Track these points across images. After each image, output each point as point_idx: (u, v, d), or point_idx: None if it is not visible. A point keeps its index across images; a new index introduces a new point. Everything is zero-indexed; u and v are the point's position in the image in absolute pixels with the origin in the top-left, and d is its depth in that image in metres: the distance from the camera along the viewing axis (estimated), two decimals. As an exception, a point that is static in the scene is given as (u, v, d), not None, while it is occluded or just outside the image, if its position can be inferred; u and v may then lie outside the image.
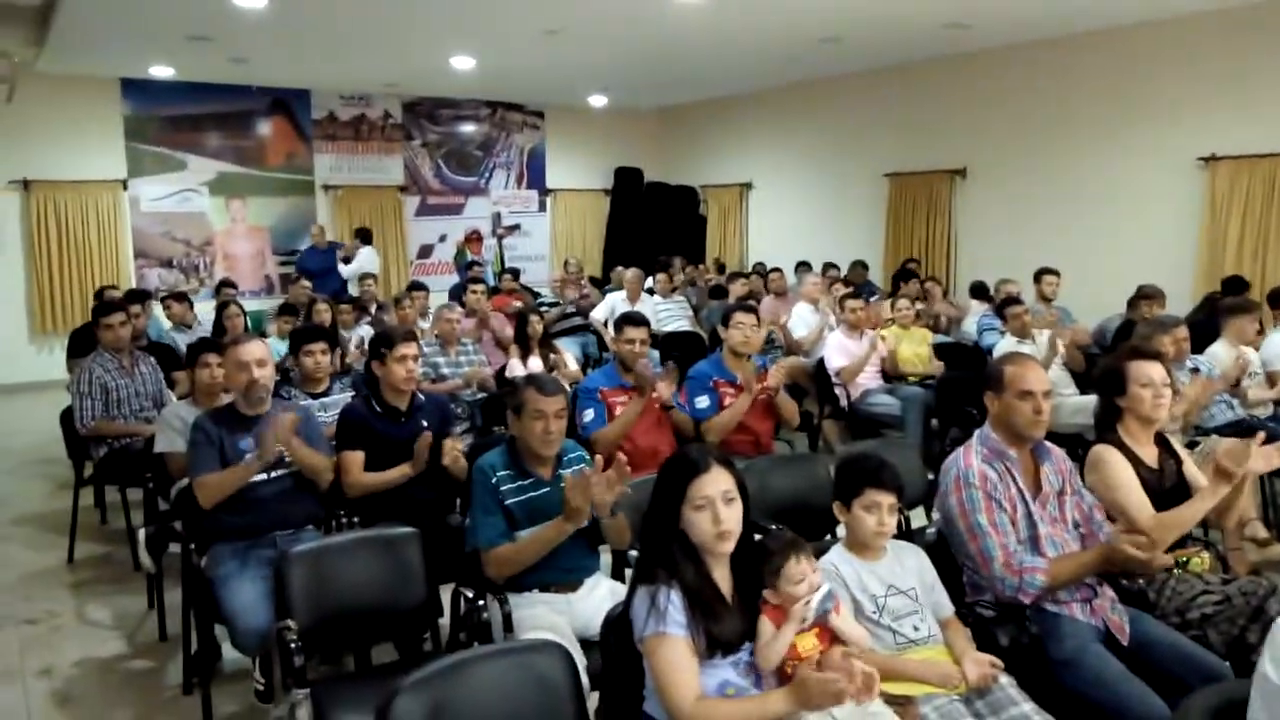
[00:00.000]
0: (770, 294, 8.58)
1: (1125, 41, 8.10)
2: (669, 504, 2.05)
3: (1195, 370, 4.95)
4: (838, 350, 6.08)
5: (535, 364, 6.06)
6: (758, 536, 2.17)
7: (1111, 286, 7.42)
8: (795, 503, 3.60)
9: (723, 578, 2.08)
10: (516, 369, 5.98)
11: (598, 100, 12.72)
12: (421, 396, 3.88)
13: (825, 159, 11.40)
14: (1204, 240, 7.73)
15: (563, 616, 2.85)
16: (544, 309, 8.23)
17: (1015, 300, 6.54)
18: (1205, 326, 5.52)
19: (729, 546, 2.04)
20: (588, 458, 3.19)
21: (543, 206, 13.60)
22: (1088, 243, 8.45)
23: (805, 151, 11.71)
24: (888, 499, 2.45)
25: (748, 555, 2.11)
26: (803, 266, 10.04)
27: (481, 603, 2.80)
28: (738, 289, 8.41)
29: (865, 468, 2.50)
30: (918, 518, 3.82)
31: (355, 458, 3.59)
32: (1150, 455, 2.95)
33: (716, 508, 2.01)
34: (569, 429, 3.23)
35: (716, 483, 2.03)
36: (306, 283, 8.65)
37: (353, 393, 4.30)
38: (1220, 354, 5.31)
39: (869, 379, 6.07)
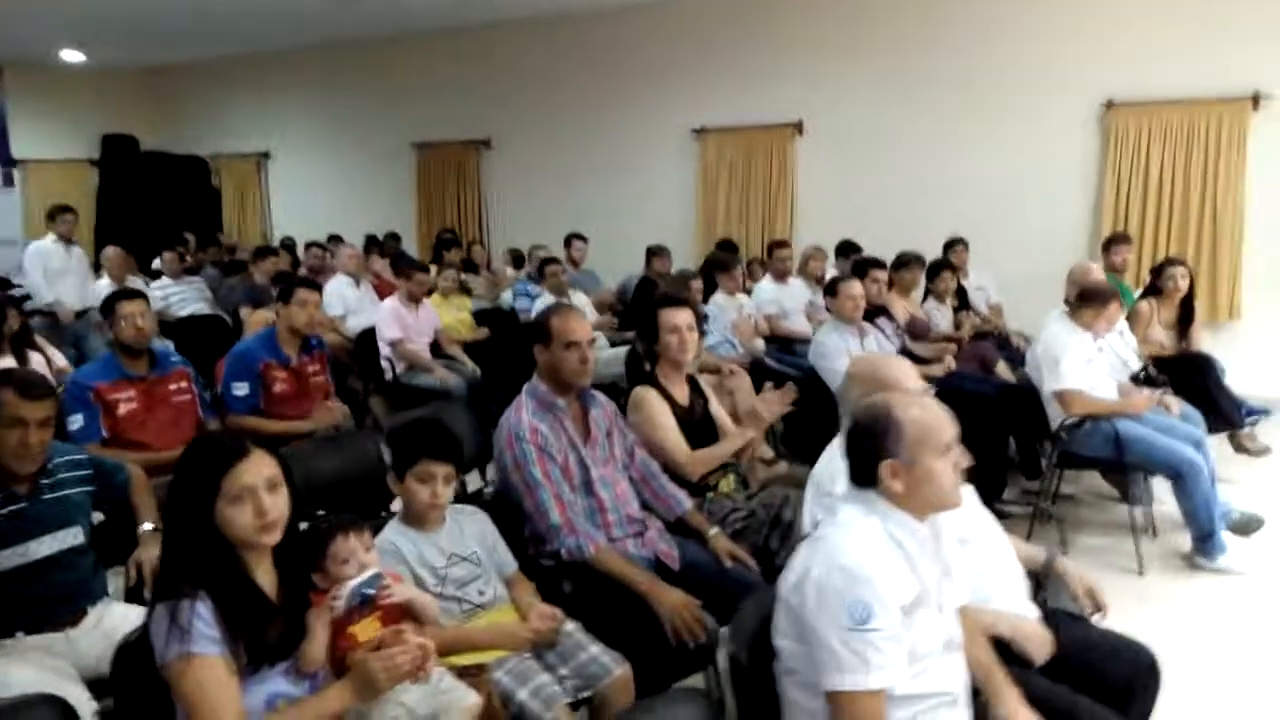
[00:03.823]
0: (307, 270, 7.99)
1: (631, 20, 8.75)
2: (198, 500, 1.72)
3: (705, 317, 5.52)
4: (392, 320, 5.79)
5: (8, 365, 4.99)
6: (304, 525, 1.92)
7: (628, 247, 8.05)
8: (344, 484, 3.35)
9: (266, 577, 1.80)
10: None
11: (73, 56, 10.86)
12: None
13: (351, 127, 10.93)
14: (700, 203, 8.68)
15: (61, 659, 2.34)
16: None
17: (552, 260, 6.80)
18: (707, 280, 6.17)
19: (274, 538, 1.77)
20: (102, 461, 2.67)
21: (9, 180, 11.37)
22: (606, 208, 9.08)
23: (328, 119, 11.12)
24: (443, 469, 2.32)
25: (294, 547, 1.85)
26: (335, 240, 9.54)
27: (-58, 665, 2.18)
28: (267, 267, 7.70)
29: (420, 438, 2.35)
30: (473, 480, 3.77)
31: None
32: (682, 394, 3.20)
33: (259, 497, 1.73)
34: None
35: (258, 469, 1.75)
36: None
37: None
38: (720, 302, 6.01)
39: (422, 349, 5.89)
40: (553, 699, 2.13)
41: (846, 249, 6.95)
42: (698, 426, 3.14)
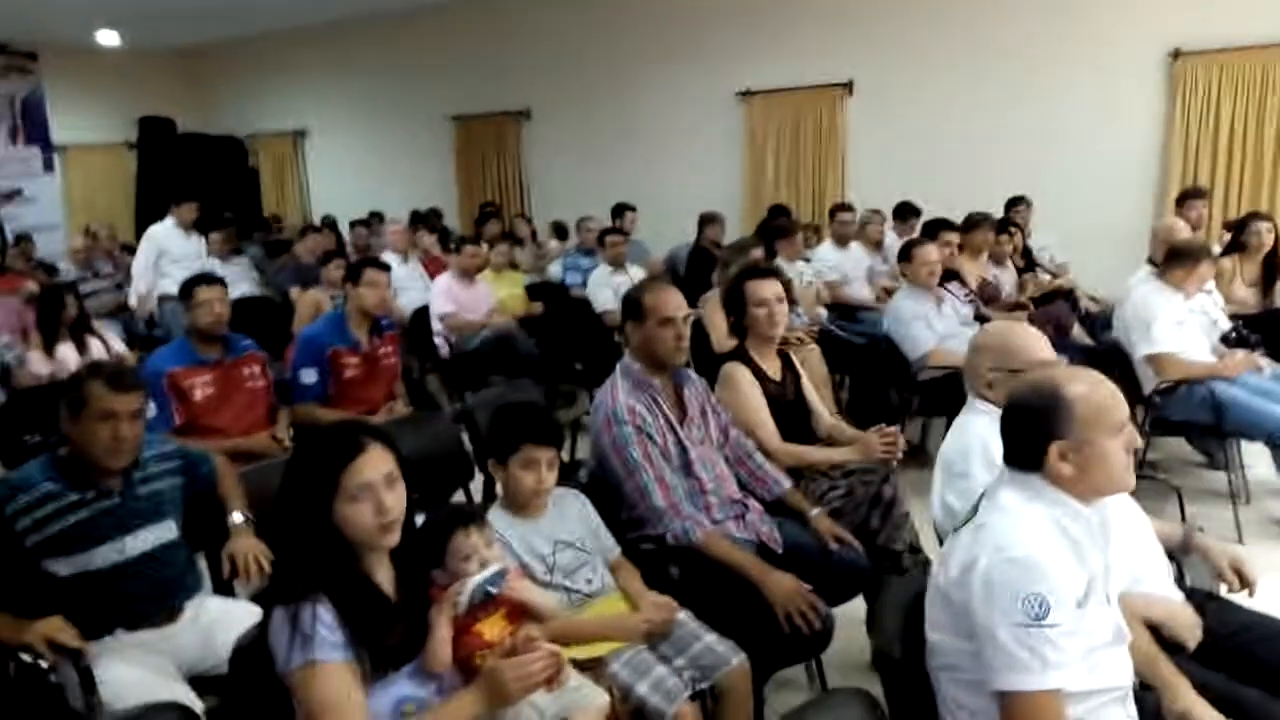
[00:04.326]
0: (353, 248, 7.92)
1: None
2: (315, 499, 1.64)
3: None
4: (445, 296, 5.71)
5: (68, 354, 4.95)
6: (420, 517, 1.83)
7: (673, 216, 7.90)
8: (422, 464, 3.29)
9: (384, 575, 1.72)
10: (37, 364, 4.83)
11: (108, 37, 10.79)
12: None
13: (387, 102, 10.80)
14: (747, 168, 8.49)
15: (162, 656, 2.28)
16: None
17: (612, 231, 6.68)
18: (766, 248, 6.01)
19: (395, 538, 1.69)
20: (189, 451, 2.60)
21: (49, 166, 11.37)
22: (649, 176, 8.90)
23: (364, 95, 10.99)
24: (547, 454, 2.23)
25: (412, 542, 1.76)
26: (377, 217, 9.48)
27: (45, 665, 2.13)
28: (311, 245, 7.64)
29: (520, 422, 2.25)
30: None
31: None
32: (774, 369, 3.08)
33: (379, 494, 1.64)
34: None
35: (377, 465, 1.66)
36: None
37: None
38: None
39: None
40: (674, 693, 2.04)
41: (904, 211, 6.76)
42: (789, 406, 3.02)
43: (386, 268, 4.18)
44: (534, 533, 2.23)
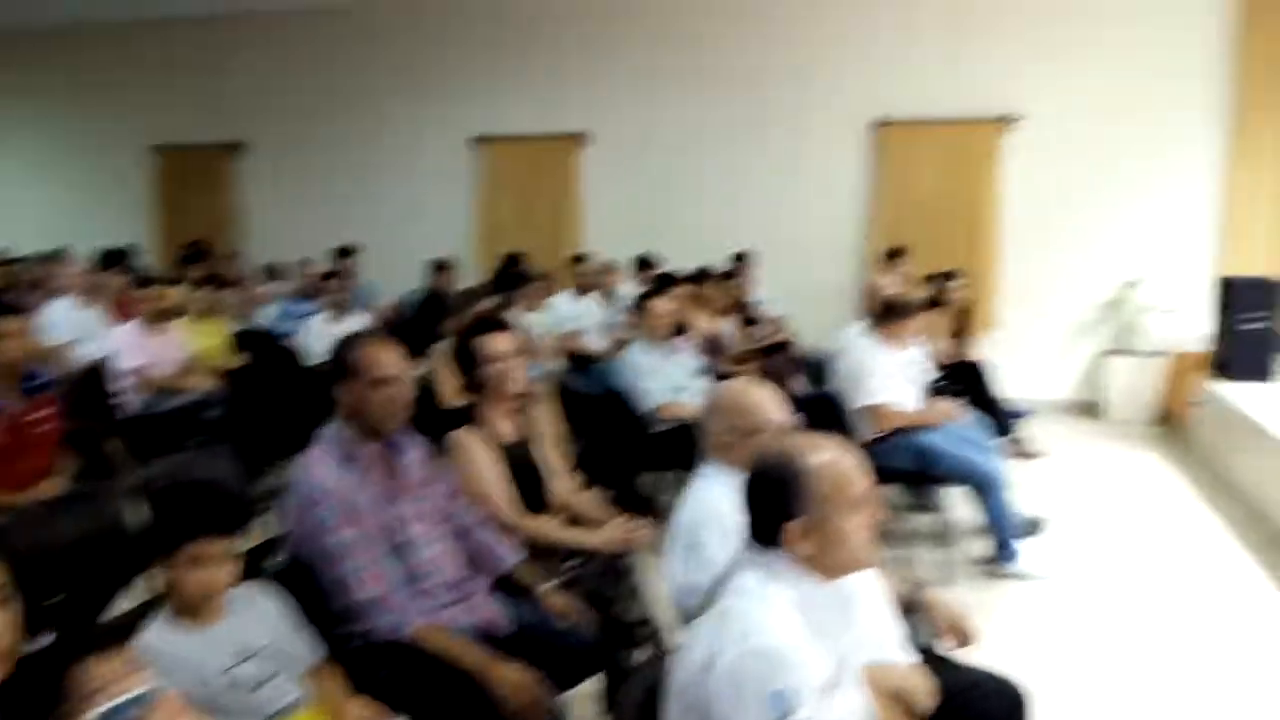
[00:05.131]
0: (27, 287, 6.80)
1: (399, 17, 8.24)
2: None
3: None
4: (135, 349, 4.98)
5: None
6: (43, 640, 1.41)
7: (403, 260, 7.56)
8: (84, 555, 2.73)
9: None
10: None
11: None
12: None
13: (74, 128, 9.55)
14: (481, 214, 8.27)
15: None
16: None
17: (331, 274, 6.20)
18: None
19: None
20: None
21: None
22: (377, 218, 8.47)
23: (46, 117, 9.67)
24: (221, 548, 1.84)
25: (24, 679, 1.35)
26: (56, 255, 8.27)
27: None
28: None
29: (188, 509, 1.84)
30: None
31: None
32: (507, 430, 2.83)
33: None
34: None
35: None
36: None
37: None
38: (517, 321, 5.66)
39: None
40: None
41: (643, 264, 6.81)
42: (525, 469, 2.79)
43: (17, 311, 3.50)
44: (208, 644, 1.83)
